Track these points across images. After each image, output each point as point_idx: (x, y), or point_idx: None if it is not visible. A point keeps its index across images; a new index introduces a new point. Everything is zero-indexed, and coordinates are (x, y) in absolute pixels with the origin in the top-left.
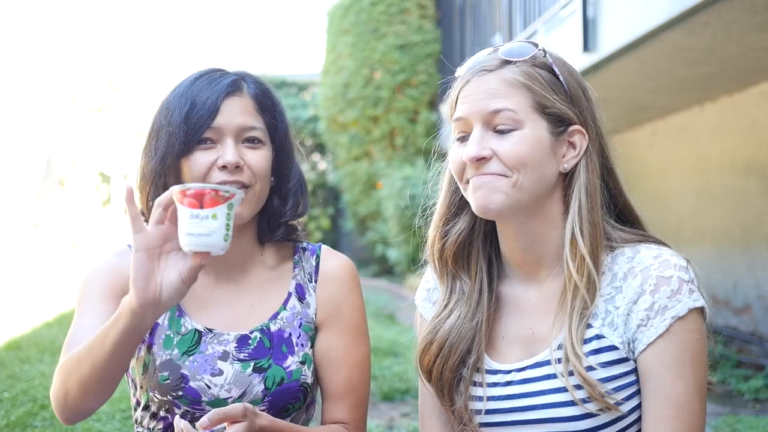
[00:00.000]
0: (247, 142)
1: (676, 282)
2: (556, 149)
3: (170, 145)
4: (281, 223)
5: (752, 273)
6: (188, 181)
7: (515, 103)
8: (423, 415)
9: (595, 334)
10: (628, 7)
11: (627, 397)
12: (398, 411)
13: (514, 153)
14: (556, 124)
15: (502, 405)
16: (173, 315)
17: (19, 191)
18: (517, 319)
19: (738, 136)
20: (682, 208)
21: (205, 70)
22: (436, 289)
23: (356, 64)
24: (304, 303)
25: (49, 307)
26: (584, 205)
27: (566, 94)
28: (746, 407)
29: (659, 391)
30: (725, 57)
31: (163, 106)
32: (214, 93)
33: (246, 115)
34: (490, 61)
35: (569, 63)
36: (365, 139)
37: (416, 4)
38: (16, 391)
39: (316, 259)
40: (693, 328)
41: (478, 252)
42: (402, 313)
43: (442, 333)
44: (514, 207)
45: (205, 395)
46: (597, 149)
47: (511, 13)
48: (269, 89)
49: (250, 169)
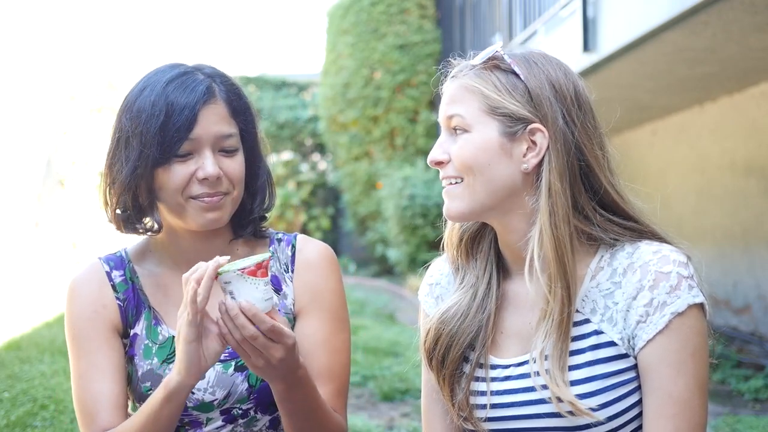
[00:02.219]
0: (223, 150)
1: (675, 278)
2: (512, 149)
3: (144, 155)
4: (251, 219)
5: (752, 273)
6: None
7: (465, 108)
8: (427, 409)
9: (593, 329)
10: (628, 7)
11: (626, 393)
12: (398, 411)
13: (459, 156)
14: (509, 125)
15: (502, 400)
16: (150, 324)
17: (19, 191)
18: (516, 314)
19: (738, 136)
20: (682, 208)
21: (175, 73)
22: (438, 284)
23: (356, 64)
24: (281, 294)
25: (49, 307)
26: (543, 206)
27: (526, 91)
28: (746, 407)
29: (660, 389)
30: (725, 57)
31: (132, 110)
32: (191, 102)
33: (221, 123)
34: (460, 68)
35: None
36: (365, 139)
37: (416, 4)
38: (16, 391)
39: (291, 249)
40: (693, 325)
41: (489, 246)
42: (402, 313)
43: (448, 318)
44: (476, 209)
45: (190, 401)
46: (563, 148)
47: (511, 13)
48: (238, 88)
49: (228, 178)
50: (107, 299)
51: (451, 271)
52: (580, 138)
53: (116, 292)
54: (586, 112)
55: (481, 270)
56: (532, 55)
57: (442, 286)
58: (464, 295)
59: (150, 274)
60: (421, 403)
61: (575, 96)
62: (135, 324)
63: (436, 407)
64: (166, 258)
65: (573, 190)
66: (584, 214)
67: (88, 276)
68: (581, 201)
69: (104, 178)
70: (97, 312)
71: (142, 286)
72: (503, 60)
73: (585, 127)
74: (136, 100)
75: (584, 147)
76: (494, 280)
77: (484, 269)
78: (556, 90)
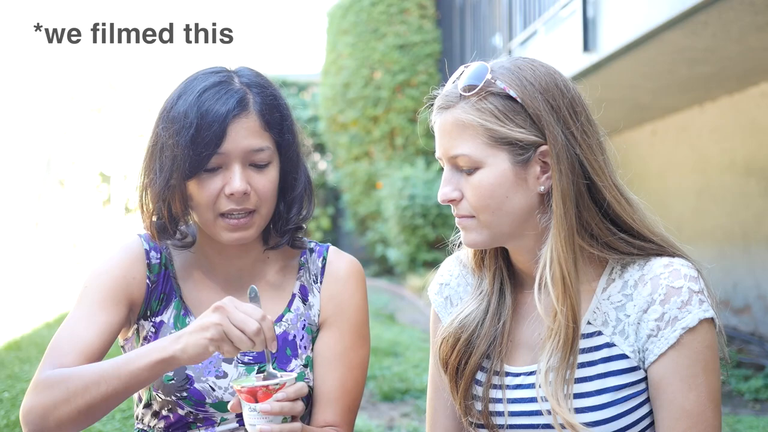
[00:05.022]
0: (254, 165)
1: (687, 293)
2: (526, 174)
3: (176, 166)
4: (287, 229)
5: (752, 273)
6: (195, 202)
7: (470, 146)
8: (432, 409)
9: (605, 342)
10: (628, 7)
11: (637, 405)
12: (398, 411)
13: (476, 196)
14: (519, 152)
15: (517, 408)
16: (179, 314)
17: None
18: (528, 324)
19: (738, 136)
20: (682, 208)
21: (210, 82)
22: (448, 285)
23: (356, 64)
24: (307, 304)
25: (49, 307)
26: (553, 226)
27: (525, 114)
28: (746, 407)
29: (672, 403)
30: (725, 57)
31: (167, 118)
32: (220, 116)
33: (252, 137)
34: (449, 96)
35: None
36: (365, 139)
37: (416, 4)
38: (16, 391)
39: (322, 261)
40: (703, 339)
41: (497, 260)
42: (402, 313)
43: (467, 325)
44: (496, 238)
45: (209, 397)
46: (567, 164)
47: (511, 14)
48: (275, 97)
49: (257, 194)
50: (139, 274)
51: (462, 273)
52: (581, 151)
53: (149, 272)
54: (582, 117)
55: (490, 284)
56: (520, 69)
57: (451, 287)
58: (480, 302)
59: (185, 266)
60: (421, 403)
61: (570, 104)
62: (163, 311)
63: (442, 407)
64: (201, 256)
65: (579, 207)
66: (590, 232)
67: (130, 245)
68: (587, 217)
69: (140, 184)
70: (125, 279)
71: (176, 275)
72: (494, 84)
73: (584, 136)
74: (172, 108)
75: (586, 159)
76: (507, 290)
77: (492, 283)
78: (551, 105)
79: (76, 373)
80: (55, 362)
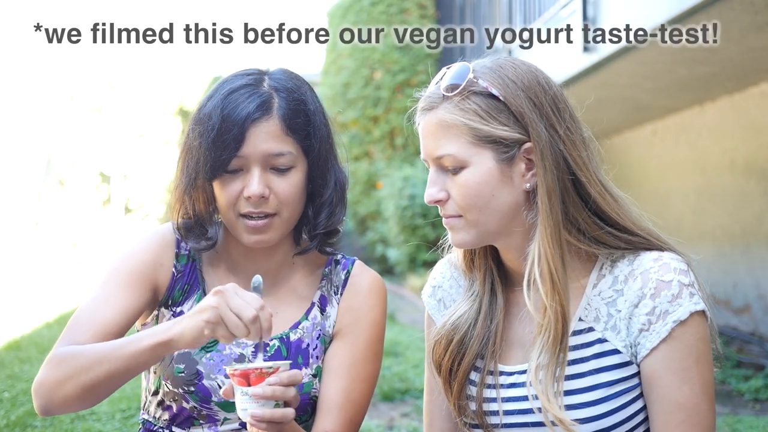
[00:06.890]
0: (275, 168)
1: (677, 286)
2: (511, 172)
3: (199, 167)
4: (315, 234)
5: (752, 273)
6: (218, 202)
7: (454, 146)
8: (429, 410)
9: (597, 338)
10: (628, 7)
11: (630, 400)
12: (398, 411)
13: (462, 195)
14: (503, 150)
15: (512, 407)
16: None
17: (19, 191)
18: (520, 322)
19: (738, 136)
20: (682, 208)
21: (239, 84)
22: (441, 287)
23: (356, 64)
24: (325, 314)
25: (49, 307)
26: (540, 222)
27: (508, 112)
28: (746, 407)
29: (665, 397)
30: (725, 57)
31: (196, 119)
32: (240, 119)
33: (272, 141)
34: (433, 97)
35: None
36: (365, 139)
37: (416, 4)
38: (16, 391)
39: (346, 274)
40: (695, 332)
41: (487, 260)
42: (402, 313)
43: (459, 326)
44: (483, 237)
45: (216, 395)
46: (552, 160)
47: (511, 14)
48: (303, 101)
49: (277, 198)
50: (167, 261)
51: (454, 276)
52: (565, 147)
53: (176, 261)
54: (565, 114)
55: (481, 284)
56: (502, 67)
57: (444, 289)
58: (472, 303)
59: (212, 260)
60: (421, 403)
61: (552, 101)
62: (184, 302)
63: (438, 408)
64: (226, 256)
65: (565, 203)
66: (577, 227)
67: (162, 232)
68: (574, 212)
69: (175, 183)
70: (153, 263)
71: (203, 269)
72: (476, 83)
73: (567, 132)
74: (201, 109)
75: (570, 155)
76: (498, 289)
77: (483, 282)
78: (534, 103)
79: (85, 351)
80: (71, 338)
